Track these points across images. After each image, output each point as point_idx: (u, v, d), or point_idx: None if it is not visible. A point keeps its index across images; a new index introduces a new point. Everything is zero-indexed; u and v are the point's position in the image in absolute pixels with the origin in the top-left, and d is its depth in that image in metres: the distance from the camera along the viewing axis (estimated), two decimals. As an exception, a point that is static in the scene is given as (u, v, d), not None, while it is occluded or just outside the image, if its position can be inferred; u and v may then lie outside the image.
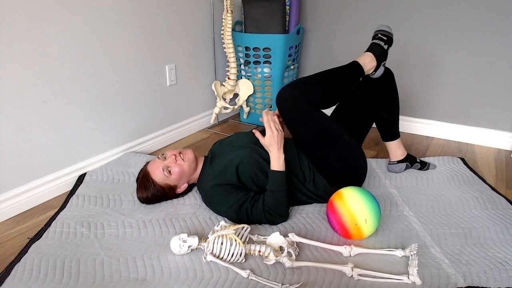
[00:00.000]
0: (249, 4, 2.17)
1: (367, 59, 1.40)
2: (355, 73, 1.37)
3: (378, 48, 1.42)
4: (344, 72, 1.36)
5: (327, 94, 1.32)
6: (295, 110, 1.26)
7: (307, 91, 1.27)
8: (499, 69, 1.99)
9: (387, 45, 1.44)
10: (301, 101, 1.25)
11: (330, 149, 1.30)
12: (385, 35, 1.45)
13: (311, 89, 1.28)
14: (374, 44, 1.43)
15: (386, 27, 1.47)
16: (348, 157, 1.33)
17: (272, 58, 2.19)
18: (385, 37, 1.44)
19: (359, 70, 1.37)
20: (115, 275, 1.08)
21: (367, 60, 1.40)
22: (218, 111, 2.23)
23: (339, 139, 1.31)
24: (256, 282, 1.05)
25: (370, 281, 1.05)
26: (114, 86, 1.75)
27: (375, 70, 1.42)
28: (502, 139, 2.07)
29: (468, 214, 1.38)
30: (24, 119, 1.41)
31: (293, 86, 1.27)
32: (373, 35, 1.48)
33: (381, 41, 1.43)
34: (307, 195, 1.39)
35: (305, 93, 1.26)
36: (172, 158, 1.38)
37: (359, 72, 1.37)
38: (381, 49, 1.42)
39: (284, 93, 1.26)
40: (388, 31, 1.46)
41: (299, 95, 1.25)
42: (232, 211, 1.28)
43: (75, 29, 1.52)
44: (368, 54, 1.41)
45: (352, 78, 1.37)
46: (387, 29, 1.46)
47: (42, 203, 1.51)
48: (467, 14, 1.99)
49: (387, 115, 1.59)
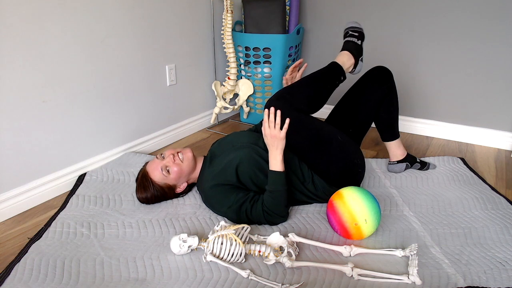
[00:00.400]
0: (249, 4, 2.17)
1: (345, 58, 1.41)
2: (336, 73, 1.39)
3: (352, 45, 1.43)
4: (325, 74, 1.38)
5: (312, 99, 1.34)
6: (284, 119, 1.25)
7: (292, 99, 1.29)
8: (499, 69, 1.99)
9: (360, 40, 1.45)
10: (289, 110, 1.26)
11: (325, 151, 1.31)
12: (355, 31, 1.46)
13: (296, 97, 1.30)
14: (348, 42, 1.45)
15: (355, 23, 1.49)
16: (343, 156, 1.33)
17: (272, 58, 2.19)
18: (356, 32, 1.46)
19: (339, 70, 1.39)
20: (115, 275, 1.08)
21: (344, 59, 1.41)
22: (218, 111, 2.23)
23: (332, 140, 1.31)
24: (256, 282, 1.05)
25: (370, 281, 1.05)
26: (114, 86, 1.75)
27: (354, 66, 1.44)
28: (502, 139, 2.07)
29: (468, 214, 1.38)
30: (24, 119, 1.41)
31: (278, 98, 1.28)
32: (344, 33, 1.50)
33: (353, 38, 1.45)
34: (307, 195, 1.39)
35: (291, 102, 1.28)
36: (171, 158, 1.38)
37: (340, 72, 1.39)
38: (355, 45, 1.43)
39: (272, 105, 1.25)
40: (358, 26, 1.48)
41: (285, 105, 1.26)
42: (231, 211, 1.28)
43: (75, 29, 1.52)
44: (345, 52, 1.43)
45: (334, 79, 1.39)
46: (356, 24, 1.48)
47: (42, 203, 1.51)
48: (467, 14, 1.99)
49: (386, 115, 1.59)
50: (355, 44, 1.44)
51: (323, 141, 1.30)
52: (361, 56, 1.45)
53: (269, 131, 1.25)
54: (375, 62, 2.31)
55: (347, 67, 1.42)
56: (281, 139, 1.25)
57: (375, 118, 1.61)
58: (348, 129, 1.51)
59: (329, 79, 1.38)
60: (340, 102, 1.57)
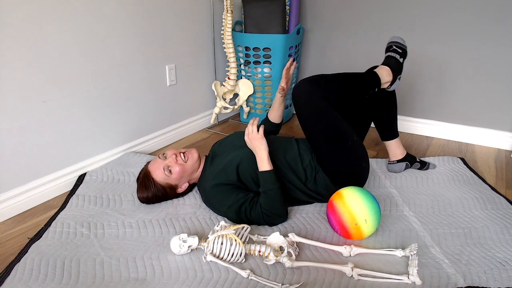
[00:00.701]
0: (249, 4, 2.17)
1: (384, 73, 1.40)
2: (373, 83, 1.37)
3: (394, 62, 1.41)
4: (363, 79, 1.37)
5: (344, 95, 1.33)
6: (310, 104, 1.26)
7: (326, 88, 1.28)
8: (499, 69, 1.99)
9: (402, 58, 1.43)
10: (319, 97, 1.26)
11: (338, 148, 1.30)
12: (399, 47, 1.44)
13: (330, 87, 1.29)
14: (390, 58, 1.43)
15: (401, 39, 1.46)
16: (354, 158, 1.33)
17: (272, 58, 2.19)
18: (400, 49, 1.43)
19: (377, 81, 1.38)
20: (115, 275, 1.08)
21: (384, 74, 1.40)
22: (218, 111, 2.23)
23: (349, 139, 1.31)
24: (256, 282, 1.05)
25: (370, 281, 1.05)
26: (114, 86, 1.75)
27: (391, 84, 1.41)
28: (502, 139, 2.07)
29: (468, 214, 1.38)
30: (24, 119, 1.41)
31: (313, 81, 1.27)
32: (387, 46, 1.47)
33: (397, 54, 1.42)
34: (308, 194, 1.39)
35: (324, 90, 1.27)
36: (173, 158, 1.38)
37: (377, 83, 1.38)
38: (397, 62, 1.41)
39: (303, 86, 1.26)
40: (402, 43, 1.45)
41: (318, 90, 1.26)
42: (231, 211, 1.28)
43: (75, 29, 1.52)
44: (385, 68, 1.41)
45: (369, 87, 1.37)
46: (401, 41, 1.45)
47: (42, 203, 1.51)
48: (467, 15, 1.99)
49: (385, 114, 1.59)
50: (397, 62, 1.42)
51: (339, 138, 1.30)
52: (400, 74, 1.42)
53: (247, 136, 1.30)
54: (374, 62, 2.31)
55: (384, 82, 1.40)
56: (260, 139, 1.28)
57: (375, 117, 1.61)
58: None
59: (364, 85, 1.37)
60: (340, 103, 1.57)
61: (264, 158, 1.28)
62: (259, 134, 1.29)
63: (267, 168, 1.28)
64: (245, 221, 1.29)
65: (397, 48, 1.44)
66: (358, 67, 2.38)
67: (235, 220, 1.30)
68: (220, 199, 1.31)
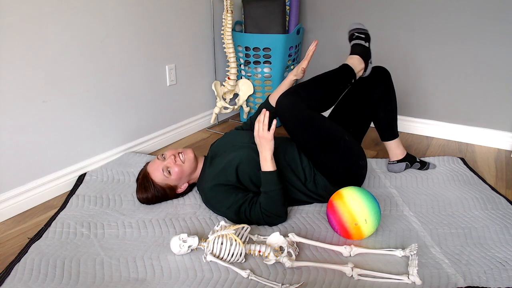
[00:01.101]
0: (249, 4, 2.17)
1: (356, 61, 1.41)
2: (348, 75, 1.39)
3: (361, 49, 1.42)
4: (337, 75, 1.38)
5: (325, 98, 1.34)
6: (296, 116, 1.26)
7: (306, 96, 1.28)
8: (499, 69, 1.99)
9: (367, 42, 1.44)
10: (302, 108, 1.26)
11: (332, 151, 1.31)
12: (361, 33, 1.44)
13: (310, 94, 1.29)
14: (356, 45, 1.43)
15: (359, 24, 1.47)
16: (349, 158, 1.33)
17: (272, 58, 2.19)
18: (362, 34, 1.44)
19: (351, 72, 1.39)
20: (115, 275, 1.08)
21: (355, 63, 1.41)
22: (218, 111, 2.23)
23: (340, 140, 1.31)
24: (256, 282, 1.05)
25: (370, 281, 1.05)
26: (114, 86, 1.75)
27: (364, 70, 1.43)
28: (502, 139, 2.07)
29: (468, 214, 1.38)
30: (24, 119, 1.41)
31: (292, 93, 1.27)
32: (349, 35, 1.48)
33: (361, 40, 1.43)
34: (308, 195, 1.39)
35: (305, 99, 1.27)
36: (172, 159, 1.38)
37: (351, 74, 1.39)
38: (364, 48, 1.43)
39: (284, 101, 1.25)
40: (363, 27, 1.46)
41: (299, 101, 1.26)
42: (231, 212, 1.28)
43: (75, 29, 1.52)
44: (355, 56, 1.42)
45: (346, 81, 1.39)
46: (361, 26, 1.46)
47: (42, 203, 1.51)
48: (467, 15, 1.99)
49: (385, 115, 1.59)
50: (364, 47, 1.43)
51: (331, 141, 1.30)
52: (370, 58, 1.44)
53: (257, 132, 1.26)
54: (374, 62, 2.31)
55: (358, 71, 1.41)
56: (268, 140, 1.25)
57: (374, 118, 1.61)
58: (349, 129, 1.51)
59: (341, 80, 1.37)
60: (339, 102, 1.57)
61: (268, 159, 1.26)
62: (269, 135, 1.24)
63: (270, 169, 1.27)
64: (244, 221, 1.29)
65: (359, 34, 1.44)
66: (358, 67, 2.38)
67: (235, 221, 1.30)
68: (219, 199, 1.31)
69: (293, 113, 1.25)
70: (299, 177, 1.36)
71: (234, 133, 1.53)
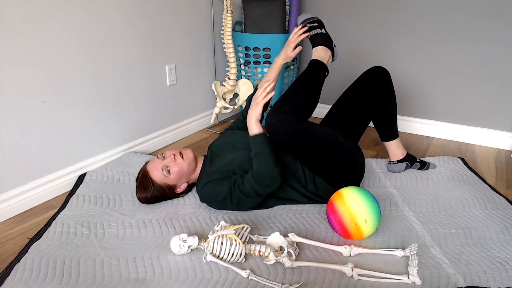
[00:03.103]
0: (249, 4, 2.17)
1: (321, 53, 1.41)
2: (320, 70, 1.39)
3: (320, 37, 1.43)
4: (311, 74, 1.38)
5: (309, 101, 1.34)
6: (288, 133, 1.25)
7: (292, 109, 1.27)
8: (499, 69, 1.99)
9: (323, 28, 1.44)
10: (292, 124, 1.25)
11: (329, 157, 1.31)
12: (312, 22, 1.45)
13: (294, 106, 1.29)
14: (314, 36, 1.44)
15: (306, 15, 1.47)
16: (346, 159, 1.33)
17: (272, 58, 2.19)
18: (314, 23, 1.44)
19: (321, 66, 1.39)
20: (115, 275, 1.08)
21: (321, 53, 1.41)
22: (218, 111, 2.23)
23: (336, 144, 1.31)
24: (256, 282, 1.05)
25: (370, 281, 1.05)
26: (114, 86, 1.75)
27: (332, 56, 1.44)
28: (502, 139, 2.07)
29: (468, 214, 1.38)
30: (24, 119, 1.41)
31: (278, 111, 1.26)
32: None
33: (316, 29, 1.44)
34: (308, 197, 1.39)
35: (292, 112, 1.27)
36: (171, 158, 1.38)
37: (323, 67, 1.40)
38: (322, 35, 1.43)
39: (272, 121, 1.24)
40: (311, 16, 1.46)
41: (287, 118, 1.25)
42: (226, 195, 1.29)
43: (75, 29, 1.52)
44: (319, 48, 1.42)
45: (321, 75, 1.39)
46: (308, 15, 1.46)
47: (42, 203, 1.51)
48: (467, 15, 1.99)
49: (385, 115, 1.59)
50: (321, 35, 1.43)
51: (327, 147, 1.30)
52: (332, 42, 1.44)
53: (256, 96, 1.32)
54: (374, 62, 2.31)
55: (327, 60, 1.42)
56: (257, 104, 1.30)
57: (374, 118, 1.61)
58: (346, 128, 1.51)
59: (316, 78, 1.38)
60: (337, 102, 1.57)
61: (251, 123, 1.29)
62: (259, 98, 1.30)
63: (256, 132, 1.27)
64: (241, 198, 1.29)
65: (311, 23, 1.44)
66: (359, 66, 2.38)
67: (235, 205, 1.30)
68: (213, 191, 1.32)
69: (284, 130, 1.24)
70: (299, 179, 1.36)
71: (232, 133, 1.53)
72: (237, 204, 1.32)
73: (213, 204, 1.37)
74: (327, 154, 1.30)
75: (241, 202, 1.31)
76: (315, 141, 1.28)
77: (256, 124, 1.29)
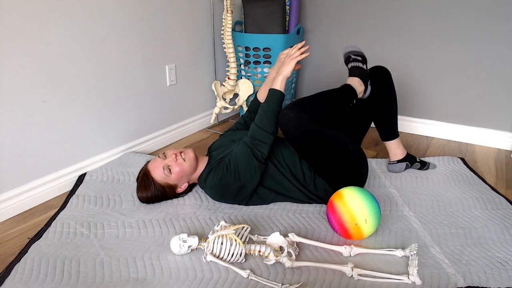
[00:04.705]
0: (249, 4, 2.17)
1: (356, 83, 1.41)
2: (351, 95, 1.39)
3: (360, 71, 1.43)
4: (341, 94, 1.38)
5: (329, 115, 1.33)
6: (302, 132, 1.24)
7: (312, 110, 1.27)
8: (499, 69, 1.99)
9: (365, 65, 1.45)
10: (308, 122, 1.24)
11: (336, 161, 1.31)
12: (357, 55, 1.45)
13: (315, 109, 1.29)
14: (354, 68, 1.44)
15: (355, 47, 1.47)
16: (351, 166, 1.34)
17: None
18: (359, 56, 1.45)
19: (353, 92, 1.39)
20: (115, 275, 1.08)
21: (356, 84, 1.41)
22: (218, 111, 2.23)
23: (345, 150, 1.31)
24: (256, 282, 1.05)
25: (370, 281, 1.05)
26: (114, 86, 1.75)
27: (365, 91, 1.44)
28: (502, 139, 2.07)
29: (468, 214, 1.38)
30: (24, 119, 1.41)
31: (298, 107, 1.26)
32: (345, 58, 1.48)
33: (358, 62, 1.44)
34: (308, 196, 1.39)
35: (311, 113, 1.26)
36: (173, 157, 1.38)
37: (353, 95, 1.40)
38: (362, 70, 1.43)
39: (291, 114, 1.24)
40: (358, 50, 1.47)
41: (305, 116, 1.25)
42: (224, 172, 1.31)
43: (75, 29, 1.52)
44: (355, 79, 1.42)
45: (348, 100, 1.39)
46: (356, 48, 1.47)
47: (42, 203, 1.51)
48: (467, 15, 1.99)
49: (385, 115, 1.59)
50: (362, 69, 1.43)
51: (335, 152, 1.30)
52: (369, 80, 1.44)
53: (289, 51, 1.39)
54: (374, 62, 2.31)
55: (359, 92, 1.41)
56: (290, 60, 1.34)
57: (375, 117, 1.61)
58: (349, 129, 1.51)
59: (343, 99, 1.38)
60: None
61: (278, 79, 1.34)
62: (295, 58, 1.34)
63: (278, 88, 1.33)
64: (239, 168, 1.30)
65: (356, 56, 1.45)
66: (358, 67, 2.38)
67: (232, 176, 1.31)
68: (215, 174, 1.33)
69: (298, 126, 1.24)
70: (298, 179, 1.37)
71: (232, 134, 1.55)
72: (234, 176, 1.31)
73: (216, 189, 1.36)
74: (334, 159, 1.31)
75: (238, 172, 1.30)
76: (325, 145, 1.28)
77: (282, 81, 1.34)
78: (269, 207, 1.42)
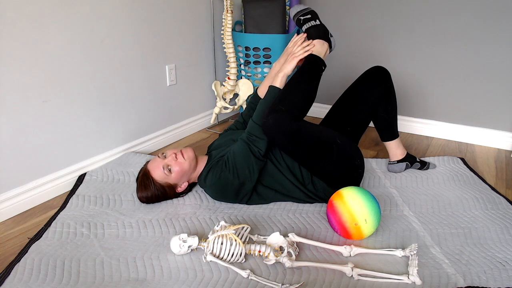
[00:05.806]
0: (249, 4, 2.17)
1: (318, 46, 1.39)
2: (317, 65, 1.37)
3: (315, 29, 1.40)
4: (308, 71, 1.36)
5: (305, 101, 1.32)
6: (284, 133, 1.24)
7: (288, 109, 1.26)
8: (499, 69, 1.99)
9: (317, 20, 1.42)
10: (287, 122, 1.23)
11: (325, 157, 1.30)
12: (306, 14, 1.42)
13: (290, 106, 1.27)
14: (309, 29, 1.41)
15: (299, 7, 1.44)
16: (344, 160, 1.33)
17: (272, 58, 2.19)
18: (308, 14, 1.41)
19: (318, 60, 1.37)
20: (115, 275, 1.08)
21: (318, 47, 1.39)
22: (218, 111, 2.23)
23: (333, 145, 1.30)
24: (256, 282, 1.05)
25: (370, 281, 1.05)
26: (114, 86, 1.75)
27: (330, 47, 1.42)
28: (502, 139, 2.07)
29: (468, 214, 1.38)
30: (24, 119, 1.41)
31: (274, 111, 1.24)
32: (296, 21, 1.45)
33: (310, 21, 1.41)
34: (308, 195, 1.39)
35: (287, 112, 1.25)
36: (173, 157, 1.38)
37: (320, 62, 1.38)
38: (317, 27, 1.40)
39: (268, 122, 1.23)
40: (303, 8, 1.43)
41: (282, 116, 1.24)
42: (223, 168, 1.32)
43: (75, 29, 1.52)
44: (316, 41, 1.39)
45: (318, 71, 1.37)
46: (301, 7, 1.43)
47: (42, 203, 1.51)
48: (467, 15, 1.99)
49: (385, 115, 1.59)
50: (316, 27, 1.40)
51: (323, 147, 1.29)
52: (328, 33, 1.41)
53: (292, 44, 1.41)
54: (374, 62, 2.31)
55: (324, 54, 1.39)
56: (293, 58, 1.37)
57: (374, 118, 1.61)
58: (346, 128, 1.51)
59: (313, 74, 1.36)
60: (338, 102, 1.57)
61: (278, 77, 1.36)
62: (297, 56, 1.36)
63: (278, 85, 1.36)
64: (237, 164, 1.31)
65: (305, 16, 1.41)
66: (359, 66, 2.38)
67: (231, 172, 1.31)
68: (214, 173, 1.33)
69: (279, 130, 1.23)
70: (297, 179, 1.37)
71: (231, 133, 1.55)
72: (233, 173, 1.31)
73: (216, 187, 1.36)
74: (323, 155, 1.30)
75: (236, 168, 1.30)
76: (310, 141, 1.27)
77: (283, 79, 1.36)
78: (269, 207, 1.42)
